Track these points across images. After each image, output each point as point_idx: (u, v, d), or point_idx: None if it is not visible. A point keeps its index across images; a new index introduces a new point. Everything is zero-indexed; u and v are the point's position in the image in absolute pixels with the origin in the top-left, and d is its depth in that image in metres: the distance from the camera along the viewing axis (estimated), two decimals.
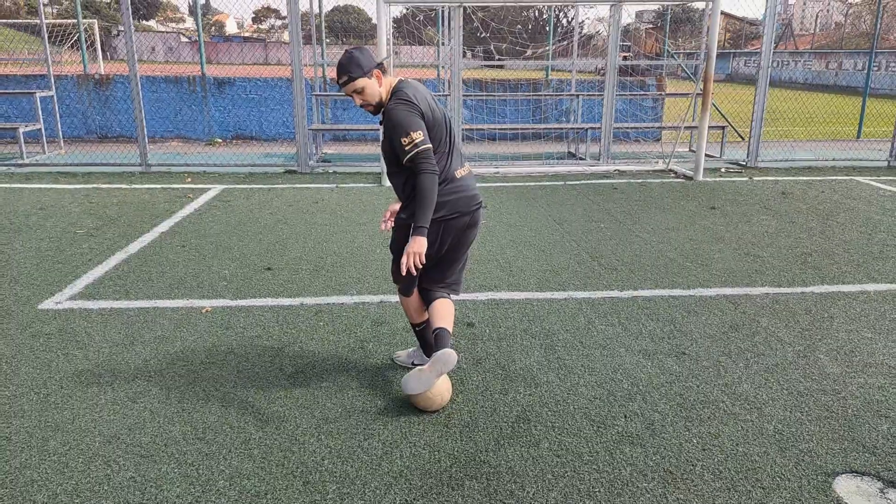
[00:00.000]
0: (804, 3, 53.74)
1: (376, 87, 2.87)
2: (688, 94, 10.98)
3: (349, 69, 2.81)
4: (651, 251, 5.43)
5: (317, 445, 2.79)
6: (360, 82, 2.82)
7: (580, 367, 3.46)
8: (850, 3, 41.07)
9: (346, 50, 2.88)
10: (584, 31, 13.69)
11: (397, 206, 3.10)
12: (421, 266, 2.85)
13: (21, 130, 9.61)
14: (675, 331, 3.90)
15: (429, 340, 3.19)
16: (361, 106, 2.92)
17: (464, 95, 10.62)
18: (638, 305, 4.29)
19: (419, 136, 2.77)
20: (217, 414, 3.02)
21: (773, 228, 6.15)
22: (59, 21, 17.42)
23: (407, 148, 2.76)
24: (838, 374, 3.40)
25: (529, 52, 13.52)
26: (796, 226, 6.24)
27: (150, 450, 2.75)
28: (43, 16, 10.39)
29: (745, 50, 39.44)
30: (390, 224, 3.14)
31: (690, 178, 8.48)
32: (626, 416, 2.99)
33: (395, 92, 2.90)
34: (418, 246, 2.79)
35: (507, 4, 11.08)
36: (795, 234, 5.97)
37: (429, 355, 3.20)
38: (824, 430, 2.90)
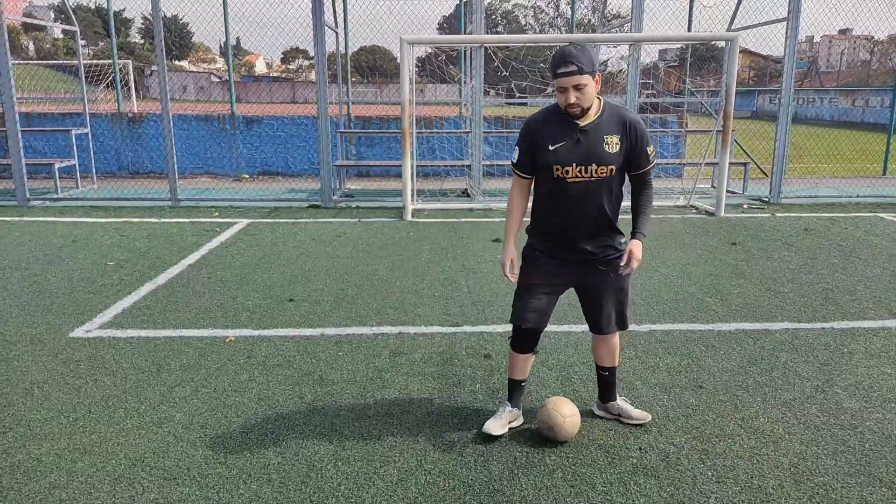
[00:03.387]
0: (830, 41, 53.78)
1: (594, 91, 2.75)
2: (708, 130, 11.04)
3: (580, 60, 2.65)
4: (670, 286, 5.45)
5: (334, 472, 2.84)
6: (586, 79, 2.67)
7: (596, 399, 3.47)
8: (877, 41, 41.01)
9: (570, 44, 2.80)
10: (608, 70, 13.88)
11: (511, 254, 3.06)
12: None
13: (56, 166, 9.97)
14: (693, 365, 3.91)
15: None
16: (568, 105, 2.74)
17: (485, 132, 10.79)
18: (656, 339, 4.31)
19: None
20: (238, 440, 3.10)
21: (794, 264, 6.13)
22: (95, 62, 18.12)
23: (651, 157, 2.93)
24: (856, 409, 3.38)
25: (550, 89, 13.73)
26: (818, 262, 6.22)
27: (174, 472, 2.83)
28: (81, 56, 10.85)
29: (771, 87, 39.48)
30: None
31: (712, 214, 8.49)
32: (640, 448, 3.00)
33: (614, 105, 2.89)
34: (640, 251, 2.95)
35: (528, 44, 11.31)
36: (817, 270, 5.95)
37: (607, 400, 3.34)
38: (840, 465, 2.88)
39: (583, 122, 2.79)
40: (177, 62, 61.23)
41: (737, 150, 11.18)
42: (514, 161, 2.97)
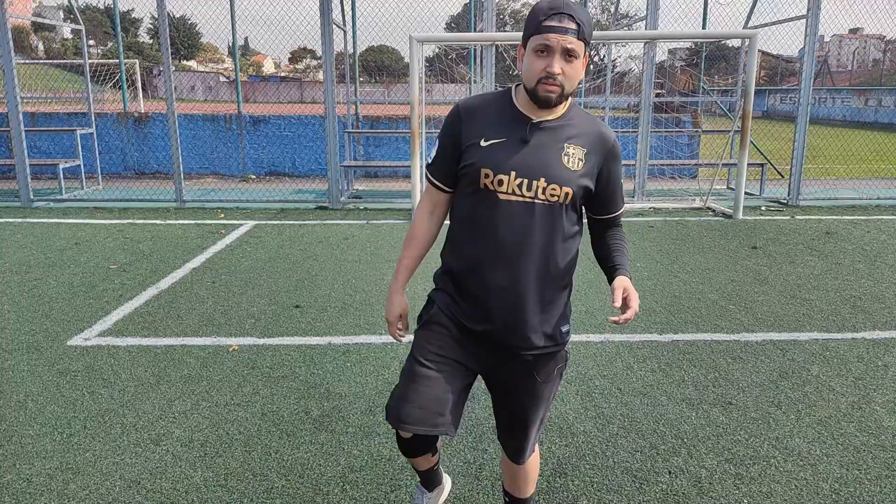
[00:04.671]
0: (840, 41, 53.28)
1: (581, 74, 1.83)
2: (726, 130, 10.81)
3: (581, 18, 1.75)
4: (691, 293, 5.24)
5: (341, 496, 2.65)
6: (581, 46, 1.76)
7: (619, 416, 3.28)
8: (889, 40, 40.54)
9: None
10: (617, 69, 13.67)
11: (400, 307, 2.08)
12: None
13: (61, 166, 9.84)
14: (720, 378, 3.70)
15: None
16: (546, 79, 1.75)
17: None
18: (679, 350, 4.10)
19: None
20: (240, 459, 2.92)
21: (818, 270, 5.90)
22: (102, 61, 18.03)
23: (624, 197, 2.03)
24: None
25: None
26: (843, 267, 5.99)
27: (171, 496, 2.65)
28: (87, 56, 10.72)
29: (782, 87, 39.09)
30: (403, 334, 2.12)
31: (730, 217, 8.26)
32: (670, 472, 2.80)
33: (586, 112, 1.97)
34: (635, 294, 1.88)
35: None
36: (842, 275, 5.72)
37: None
38: (885, 491, 2.68)
39: (537, 117, 1.85)
40: (185, 62, 61.30)
41: (752, 151, 10.93)
42: (430, 161, 2.00)
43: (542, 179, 1.81)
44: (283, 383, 3.66)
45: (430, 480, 2.39)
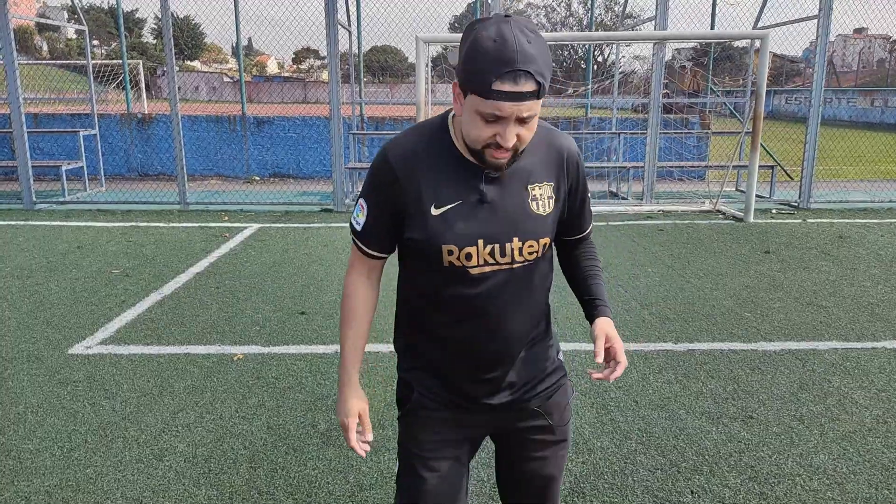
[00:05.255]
0: (845, 41, 53.06)
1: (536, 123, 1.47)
2: (735, 132, 10.68)
3: (542, 67, 1.32)
4: (705, 299, 5.13)
5: None
6: (539, 103, 1.37)
7: (637, 430, 3.17)
8: (895, 40, 40.33)
9: (513, 21, 1.32)
10: (621, 70, 13.55)
11: (357, 405, 1.63)
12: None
13: (64, 168, 9.76)
14: (740, 390, 3.59)
15: None
16: (497, 151, 1.39)
17: None
18: (695, 360, 3.99)
19: None
20: (245, 476, 2.82)
21: (833, 275, 5.78)
22: (105, 62, 17.97)
23: (591, 210, 1.73)
24: None
25: (571, 90, 13.41)
26: (858, 273, 5.87)
27: None
28: (90, 56, 10.64)
29: (787, 88, 38.91)
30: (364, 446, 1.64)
31: (740, 220, 8.14)
32: (692, 492, 2.70)
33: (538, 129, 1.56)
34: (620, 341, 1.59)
35: (548, 43, 10.99)
36: (858, 281, 5.60)
37: None
38: None
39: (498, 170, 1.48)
40: (189, 62, 61.30)
41: (761, 153, 10.81)
42: (360, 228, 1.57)
43: (516, 240, 1.49)
44: (290, 395, 3.56)
45: None
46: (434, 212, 1.47)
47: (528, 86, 1.29)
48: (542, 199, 1.52)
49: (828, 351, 4.15)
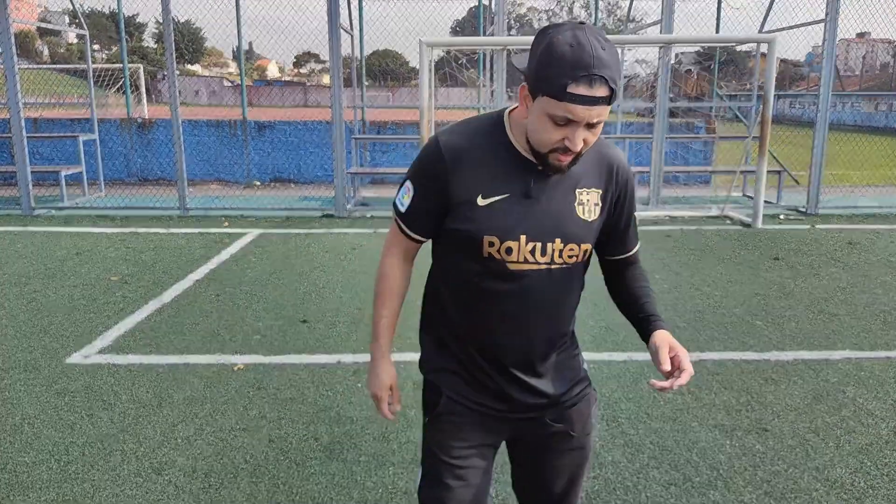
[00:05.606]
0: (848, 45, 53.05)
1: None
2: (741, 137, 10.60)
3: (615, 74, 1.34)
4: (714, 307, 5.04)
5: None
6: (608, 110, 1.39)
7: (649, 444, 3.08)
8: None
9: (588, 30, 1.34)
10: (625, 74, 13.48)
11: (389, 377, 1.68)
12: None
13: (63, 173, 9.68)
14: (753, 402, 3.50)
15: None
16: (564, 153, 1.41)
17: None
18: (707, 370, 3.90)
19: None
20: (246, 492, 2.73)
21: (844, 282, 5.69)
22: (106, 66, 17.93)
23: (638, 231, 1.70)
24: None
25: None
26: (870, 280, 5.78)
27: None
28: (90, 60, 10.58)
29: (790, 92, 38.86)
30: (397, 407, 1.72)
31: (748, 226, 8.05)
32: None
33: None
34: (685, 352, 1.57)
35: None
36: (870, 289, 5.51)
37: None
38: None
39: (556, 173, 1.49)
40: (189, 66, 61.34)
41: (768, 158, 10.72)
42: (403, 209, 1.61)
43: (559, 241, 1.50)
44: (291, 406, 3.47)
45: None
46: (481, 202, 1.48)
47: (601, 90, 1.31)
48: (589, 204, 1.53)
49: (841, 360, 4.06)
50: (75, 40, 52.34)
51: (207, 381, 3.76)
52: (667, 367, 1.49)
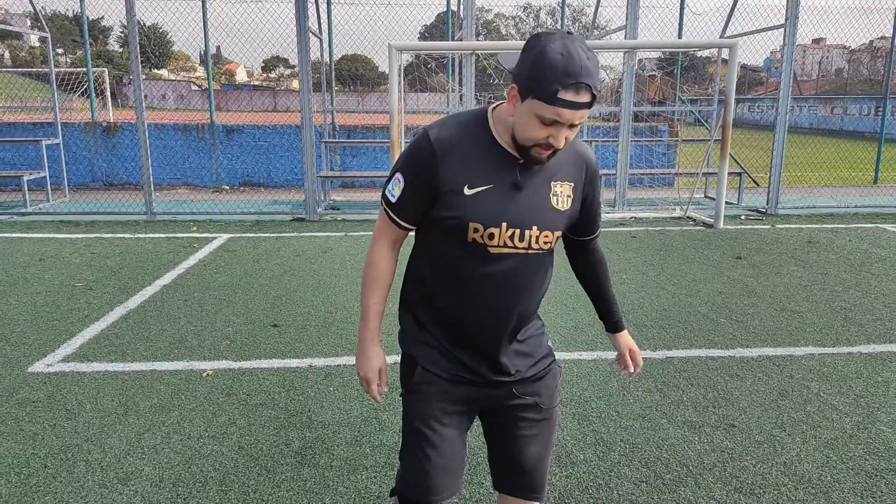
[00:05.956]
0: (804, 50, 54.43)
1: None
2: (704, 140, 10.80)
3: (596, 81, 1.52)
4: (680, 305, 5.12)
5: None
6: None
7: (620, 441, 3.12)
8: (853, 50, 41.46)
9: (575, 38, 1.51)
10: None
11: (379, 361, 1.82)
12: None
13: (25, 178, 9.45)
14: (720, 398, 3.57)
15: None
16: (545, 149, 1.58)
17: None
18: (674, 367, 3.96)
19: None
20: (215, 500, 2.69)
21: (805, 280, 5.83)
22: (69, 69, 17.57)
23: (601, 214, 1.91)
24: None
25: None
26: (829, 277, 5.93)
27: None
28: (52, 64, 10.36)
29: (749, 96, 39.70)
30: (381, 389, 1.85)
31: (711, 226, 8.20)
32: None
33: None
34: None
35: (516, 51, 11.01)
36: (830, 286, 5.65)
37: None
38: None
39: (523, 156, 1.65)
40: (156, 71, 60.37)
41: (729, 160, 10.94)
42: (394, 199, 1.71)
43: (535, 228, 1.66)
44: (262, 412, 3.44)
45: None
46: (467, 192, 1.63)
47: (586, 97, 1.49)
48: (562, 196, 1.70)
49: (805, 356, 4.15)
50: (38, 44, 51.18)
51: (175, 388, 3.70)
52: (631, 370, 1.98)
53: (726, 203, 9.24)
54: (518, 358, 1.76)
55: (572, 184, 1.71)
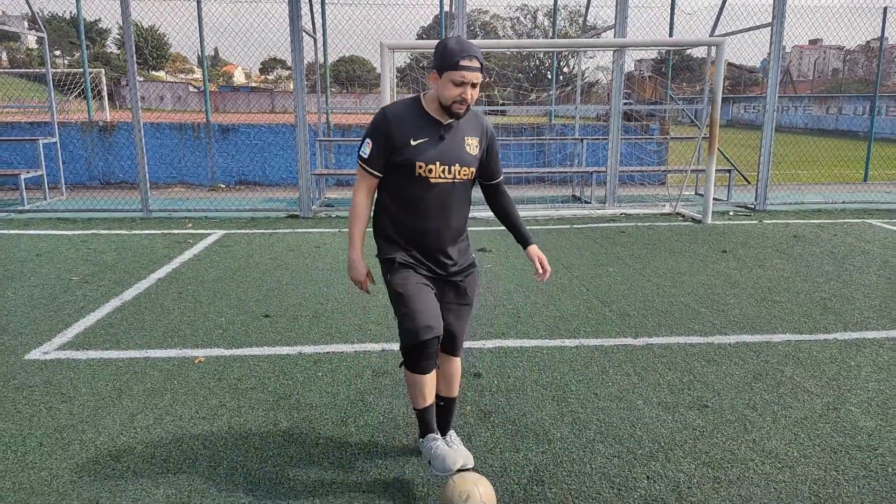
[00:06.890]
0: (801, 51, 54.62)
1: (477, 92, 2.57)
2: (693, 138, 10.93)
3: (480, 56, 2.45)
4: (663, 296, 5.24)
5: None
6: (481, 77, 2.49)
7: (596, 420, 3.23)
8: (848, 51, 41.64)
9: (457, 38, 2.50)
10: (586, 79, 13.75)
11: (365, 267, 2.71)
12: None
13: (22, 177, 9.56)
14: (695, 381, 3.68)
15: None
16: (459, 102, 2.46)
17: None
18: (654, 353, 4.08)
19: None
20: (205, 475, 2.80)
21: (788, 272, 5.95)
22: (66, 70, 17.67)
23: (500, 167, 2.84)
24: (872, 429, 3.17)
25: (533, 96, 13.59)
26: (812, 270, 6.05)
27: None
28: (49, 64, 10.46)
29: (745, 95, 39.85)
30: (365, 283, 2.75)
31: (699, 222, 8.33)
32: (648, 477, 2.76)
33: (472, 112, 2.70)
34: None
35: (512, 49, 11.15)
36: (812, 278, 5.78)
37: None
38: (864, 492, 2.66)
39: (445, 120, 2.56)
40: (154, 72, 60.45)
41: (719, 157, 11.07)
42: (366, 156, 2.57)
43: (458, 165, 2.59)
44: (251, 395, 3.55)
45: (431, 421, 2.74)
46: (413, 143, 2.54)
47: (475, 63, 2.45)
48: (472, 146, 2.64)
49: (781, 343, 4.27)
50: (35, 45, 51.25)
51: (168, 374, 3.81)
52: (540, 272, 2.84)
53: (715, 199, 9.37)
54: (457, 254, 2.69)
55: (477, 139, 2.65)
